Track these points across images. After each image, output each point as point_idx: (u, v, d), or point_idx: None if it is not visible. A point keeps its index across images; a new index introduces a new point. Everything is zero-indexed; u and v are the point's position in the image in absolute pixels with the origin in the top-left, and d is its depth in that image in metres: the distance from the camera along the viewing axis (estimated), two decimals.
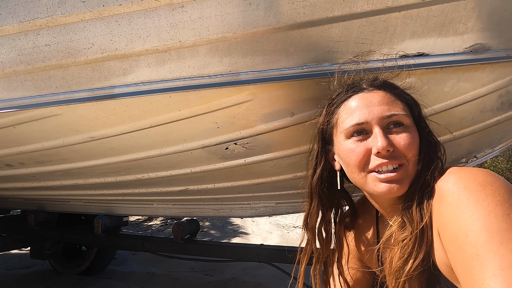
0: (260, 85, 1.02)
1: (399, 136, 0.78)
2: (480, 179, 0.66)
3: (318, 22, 0.93)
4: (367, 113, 0.79)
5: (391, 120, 0.79)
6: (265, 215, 1.79)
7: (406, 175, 0.78)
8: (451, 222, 0.65)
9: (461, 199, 0.65)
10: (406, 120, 0.79)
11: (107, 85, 1.06)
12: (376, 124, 0.78)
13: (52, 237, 2.59)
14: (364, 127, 0.80)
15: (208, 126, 1.16)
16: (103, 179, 1.57)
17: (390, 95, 0.82)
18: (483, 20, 0.94)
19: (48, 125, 1.21)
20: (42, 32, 1.00)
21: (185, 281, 3.08)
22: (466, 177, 0.68)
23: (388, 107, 0.79)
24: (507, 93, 1.10)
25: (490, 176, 0.67)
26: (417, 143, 0.80)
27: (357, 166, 0.80)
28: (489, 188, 0.64)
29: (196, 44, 0.97)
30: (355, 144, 0.80)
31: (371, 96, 0.82)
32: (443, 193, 0.70)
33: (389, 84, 0.86)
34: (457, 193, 0.66)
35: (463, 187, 0.66)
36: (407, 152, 0.77)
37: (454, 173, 0.71)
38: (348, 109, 0.83)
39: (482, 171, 0.69)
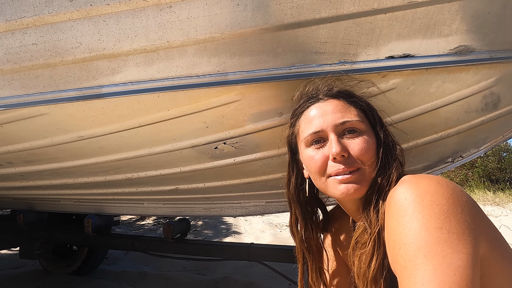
0: (248, 85, 1.03)
1: (353, 142, 0.81)
2: (422, 189, 0.66)
3: (305, 23, 0.94)
4: (322, 122, 0.83)
5: (345, 127, 0.82)
6: (255, 214, 1.80)
7: (363, 178, 0.81)
8: (391, 233, 0.68)
9: (400, 210, 0.66)
10: (359, 125, 0.83)
11: (95, 85, 1.05)
12: (331, 131, 0.82)
13: (42, 237, 2.57)
14: (321, 135, 0.84)
15: (197, 125, 1.16)
16: (93, 179, 1.57)
17: (344, 103, 0.86)
18: (467, 22, 0.96)
19: (36, 124, 1.20)
20: (29, 31, 1.00)
21: (177, 280, 3.08)
22: (410, 187, 0.68)
23: (341, 115, 0.83)
24: (491, 94, 1.12)
25: (433, 185, 0.67)
26: (372, 147, 0.82)
27: (317, 172, 0.84)
28: (429, 198, 0.64)
29: (184, 44, 0.97)
30: (314, 152, 0.84)
31: (325, 105, 0.86)
32: (390, 201, 0.71)
33: (343, 92, 0.89)
34: (398, 203, 0.67)
35: (403, 198, 0.67)
36: (361, 157, 0.80)
37: (403, 181, 0.72)
38: (306, 119, 0.88)
39: (430, 180, 0.69)
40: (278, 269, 2.03)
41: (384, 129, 0.87)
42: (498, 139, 1.33)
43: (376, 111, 0.90)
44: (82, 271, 3.08)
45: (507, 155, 12.37)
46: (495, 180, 11.54)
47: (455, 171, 13.02)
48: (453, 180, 12.58)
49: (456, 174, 12.87)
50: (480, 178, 11.58)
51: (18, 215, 2.45)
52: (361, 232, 0.82)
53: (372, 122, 0.87)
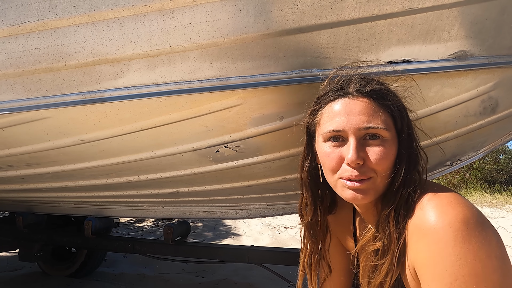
0: (250, 89, 1.04)
1: (372, 150, 0.77)
2: (461, 215, 0.66)
3: (306, 28, 0.95)
4: (346, 121, 0.78)
5: (368, 132, 0.77)
6: (255, 216, 1.81)
7: (373, 187, 0.78)
8: (437, 263, 0.66)
9: (448, 240, 0.64)
10: (384, 133, 0.78)
11: (98, 89, 1.06)
12: (352, 133, 0.77)
13: (41, 239, 2.56)
14: (341, 134, 0.79)
15: (198, 129, 1.17)
16: (93, 181, 1.57)
17: (374, 105, 0.79)
18: (465, 28, 0.97)
19: (38, 128, 1.21)
20: (33, 35, 1.01)
21: (176, 283, 3.08)
22: (448, 212, 0.67)
23: (367, 118, 0.77)
24: (489, 98, 1.13)
25: (467, 209, 0.67)
26: (391, 158, 0.78)
27: (330, 170, 0.82)
28: (471, 225, 0.65)
29: (187, 49, 0.98)
30: (331, 149, 0.81)
31: (353, 104, 0.79)
32: (425, 229, 0.69)
33: (377, 92, 0.81)
34: (442, 232, 0.65)
35: (448, 226, 0.65)
36: (377, 166, 0.77)
37: (435, 206, 0.70)
38: (330, 112, 0.82)
39: (458, 201, 0.69)
40: (277, 271, 2.04)
41: (411, 138, 0.82)
42: (496, 142, 1.34)
43: (407, 117, 0.84)
44: (80, 274, 3.07)
45: (503, 156, 12.42)
46: (492, 182, 11.58)
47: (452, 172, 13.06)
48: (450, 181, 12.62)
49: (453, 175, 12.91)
50: (477, 180, 11.63)
51: (17, 217, 2.44)
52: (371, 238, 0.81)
53: (399, 130, 0.81)
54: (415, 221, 0.73)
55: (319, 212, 0.97)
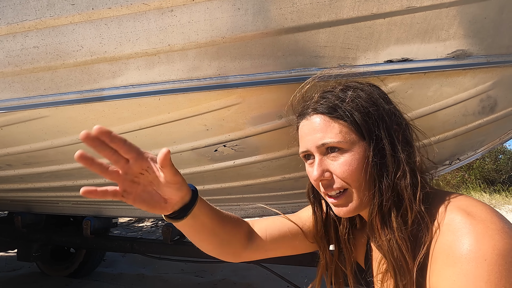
0: (249, 88, 1.04)
1: (336, 163, 0.76)
2: (499, 246, 0.58)
3: (305, 27, 0.95)
4: (308, 141, 0.80)
5: (325, 147, 0.77)
6: (254, 216, 1.80)
7: (350, 199, 0.77)
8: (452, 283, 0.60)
9: (481, 274, 0.57)
10: (341, 145, 0.75)
11: (96, 88, 1.06)
12: (315, 152, 0.78)
13: (40, 239, 2.56)
14: (309, 153, 0.81)
15: (197, 128, 1.17)
16: (92, 181, 1.57)
17: (327, 119, 0.78)
18: (464, 27, 0.97)
19: (36, 127, 1.21)
20: (31, 34, 1.00)
21: (175, 283, 3.08)
22: (484, 241, 0.59)
23: (321, 135, 0.77)
24: (488, 97, 1.13)
25: (507, 238, 0.59)
26: (358, 167, 0.74)
27: (316, 187, 0.84)
28: (510, 259, 0.57)
29: (185, 47, 0.98)
30: (310, 168, 0.82)
31: (309, 124, 0.81)
32: (455, 257, 0.61)
33: (327, 106, 0.79)
34: (474, 264, 0.58)
35: (482, 257, 0.58)
36: (345, 179, 0.75)
37: (469, 232, 0.62)
38: (299, 135, 0.85)
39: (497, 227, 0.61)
40: (276, 271, 2.03)
41: (379, 143, 0.75)
42: (495, 142, 1.34)
43: (373, 121, 0.77)
44: (79, 274, 3.07)
45: (503, 156, 12.44)
46: (491, 182, 11.59)
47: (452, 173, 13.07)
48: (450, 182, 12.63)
49: (453, 176, 12.92)
50: (476, 180, 11.64)
51: (16, 217, 2.44)
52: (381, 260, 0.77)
53: (368, 136, 0.76)
54: (442, 244, 0.65)
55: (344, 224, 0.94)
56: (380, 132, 0.76)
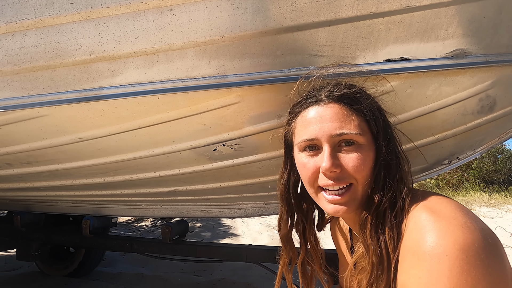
0: (248, 87, 1.04)
1: (348, 156, 0.74)
2: (460, 241, 0.59)
3: (304, 26, 0.95)
4: (318, 129, 0.76)
5: (341, 138, 0.75)
6: (253, 215, 1.80)
7: (354, 197, 0.76)
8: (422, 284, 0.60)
9: (443, 270, 0.58)
10: (358, 138, 0.75)
11: (95, 87, 1.06)
12: (325, 141, 0.75)
13: (39, 238, 2.56)
14: (315, 143, 0.77)
15: (196, 127, 1.17)
16: (91, 180, 1.57)
17: (346, 109, 0.76)
18: (463, 26, 0.97)
19: (35, 126, 1.21)
20: (30, 33, 1.00)
21: (174, 282, 3.08)
22: (446, 237, 0.60)
23: (339, 124, 0.74)
24: (487, 97, 1.13)
25: (468, 233, 0.60)
26: (369, 164, 0.75)
27: (307, 182, 0.80)
28: (471, 253, 0.58)
29: (185, 46, 0.98)
30: (307, 159, 0.79)
31: (324, 111, 0.77)
32: (419, 254, 0.62)
33: (348, 97, 0.78)
34: (436, 260, 0.59)
35: (443, 253, 0.59)
36: (355, 174, 0.74)
37: (432, 229, 0.63)
38: (303, 121, 0.80)
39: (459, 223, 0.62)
40: (275, 270, 2.03)
41: (389, 143, 0.78)
42: (494, 141, 1.34)
43: (383, 121, 0.80)
44: (79, 273, 3.07)
45: (501, 156, 12.46)
46: (490, 182, 11.61)
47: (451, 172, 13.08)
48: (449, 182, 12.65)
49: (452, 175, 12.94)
50: (475, 180, 11.65)
51: (15, 216, 2.44)
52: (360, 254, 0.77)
53: (375, 135, 0.77)
54: (410, 242, 0.67)
55: (301, 225, 0.95)
56: (384, 133, 0.78)
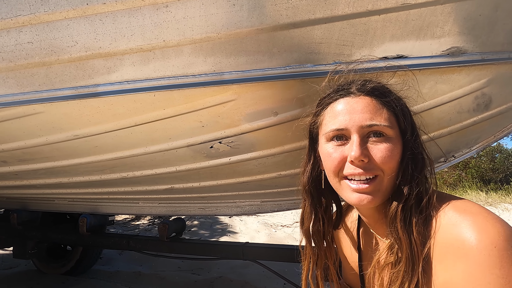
0: (244, 84, 1.04)
1: (377, 147, 0.75)
2: (503, 232, 0.61)
3: (300, 23, 0.95)
4: (348, 120, 0.77)
5: (371, 129, 0.76)
6: (250, 213, 1.81)
7: (379, 188, 0.76)
8: (483, 285, 0.60)
9: (493, 261, 0.59)
10: (388, 131, 0.76)
11: (91, 83, 1.06)
12: (355, 131, 0.76)
13: (36, 236, 2.55)
14: (343, 133, 0.78)
15: (192, 125, 1.17)
16: (88, 178, 1.56)
17: (377, 102, 0.78)
18: (459, 24, 0.97)
19: (31, 123, 1.20)
20: (25, 29, 1.00)
21: (172, 280, 3.07)
22: (489, 230, 0.62)
23: (370, 116, 0.76)
24: (483, 95, 1.14)
25: (506, 225, 0.63)
26: (396, 157, 0.76)
27: (332, 171, 0.80)
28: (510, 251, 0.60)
29: (181, 43, 0.98)
30: (333, 149, 0.79)
31: (355, 102, 0.78)
32: (466, 249, 0.63)
33: (378, 90, 0.80)
34: (486, 252, 0.60)
35: (491, 245, 0.60)
36: (382, 165, 0.74)
37: (473, 224, 0.64)
38: (332, 112, 0.81)
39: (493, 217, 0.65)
40: (273, 268, 2.04)
41: (415, 138, 0.80)
42: (490, 139, 1.35)
43: (411, 117, 0.82)
44: (76, 271, 3.06)
45: (499, 155, 12.50)
46: (487, 181, 11.66)
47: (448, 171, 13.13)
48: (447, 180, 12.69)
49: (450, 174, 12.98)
50: (473, 179, 11.70)
51: (11, 214, 2.43)
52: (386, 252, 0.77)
53: (403, 129, 0.79)
54: (448, 239, 0.67)
55: (321, 221, 0.94)
56: (411, 129, 0.80)
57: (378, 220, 0.84)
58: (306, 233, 0.95)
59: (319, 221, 0.94)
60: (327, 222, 0.95)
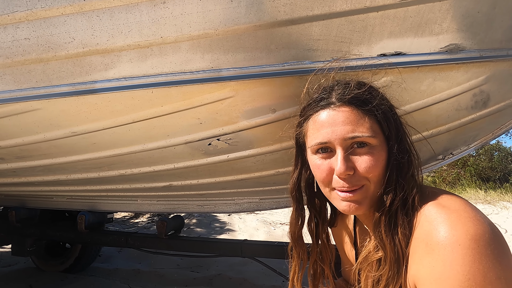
0: (242, 81, 1.03)
1: (361, 158, 0.76)
2: (472, 231, 0.62)
3: (298, 20, 0.94)
4: (330, 133, 0.77)
5: (354, 141, 0.76)
6: (249, 210, 1.81)
7: (366, 195, 0.77)
8: (443, 280, 0.62)
9: (456, 258, 0.61)
10: (371, 140, 0.76)
11: (89, 80, 1.05)
12: (338, 144, 0.76)
13: (34, 234, 2.55)
14: (328, 146, 0.78)
15: (190, 122, 1.16)
16: (86, 175, 1.56)
17: (358, 112, 0.77)
18: (457, 21, 0.97)
19: (29, 120, 1.20)
20: (22, 25, 0.99)
21: (171, 278, 3.08)
22: (458, 228, 0.63)
23: (352, 128, 0.76)
24: (481, 92, 1.14)
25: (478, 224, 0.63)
26: (382, 164, 0.77)
27: (321, 182, 0.82)
28: (482, 243, 0.61)
29: (178, 40, 0.97)
30: (320, 161, 0.80)
31: (336, 114, 0.78)
32: (432, 244, 0.65)
33: (358, 98, 0.79)
34: (450, 249, 0.62)
35: (456, 243, 0.62)
36: (368, 174, 0.75)
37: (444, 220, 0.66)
38: (315, 124, 0.82)
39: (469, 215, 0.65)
40: (272, 266, 2.04)
41: (400, 143, 0.80)
42: (488, 136, 1.35)
43: (395, 121, 0.81)
44: (75, 269, 3.07)
45: (498, 154, 12.52)
46: (486, 179, 11.68)
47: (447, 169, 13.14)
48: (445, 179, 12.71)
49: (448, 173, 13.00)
50: (471, 177, 11.72)
51: (10, 212, 2.43)
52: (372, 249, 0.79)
53: (387, 135, 0.79)
54: (421, 234, 0.69)
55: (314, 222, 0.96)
56: (396, 131, 0.80)
57: (369, 217, 0.86)
58: (291, 237, 0.96)
59: (312, 222, 0.96)
60: (321, 222, 0.97)
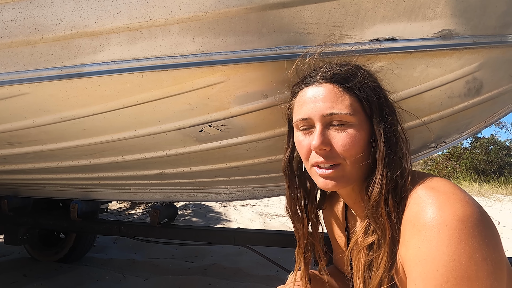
0: (233, 66, 1.02)
1: (338, 135, 0.76)
2: (459, 213, 0.62)
3: (290, 3, 0.93)
4: (311, 109, 0.78)
5: (332, 118, 0.76)
6: (242, 199, 1.81)
7: (343, 174, 0.77)
8: (429, 261, 0.62)
9: (442, 239, 0.61)
10: (349, 118, 0.76)
11: (77, 63, 1.03)
12: (318, 120, 0.77)
13: (27, 222, 2.54)
14: (308, 122, 0.80)
15: (181, 107, 1.15)
16: (77, 162, 1.55)
17: (338, 89, 0.78)
18: (451, 6, 0.96)
19: (17, 104, 1.18)
20: (8, 6, 0.97)
21: (166, 268, 3.09)
22: (445, 209, 0.63)
23: (331, 104, 0.76)
24: (474, 79, 1.13)
25: (467, 206, 0.64)
26: (360, 143, 0.76)
27: (303, 157, 0.83)
28: (469, 224, 0.61)
29: (168, 22, 0.95)
30: (302, 137, 0.82)
31: (318, 91, 0.79)
32: (420, 225, 0.65)
33: (340, 75, 0.79)
34: (436, 229, 0.62)
35: (443, 223, 0.62)
36: (344, 153, 0.75)
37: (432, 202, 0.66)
38: (299, 101, 0.83)
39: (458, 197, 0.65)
40: (267, 255, 2.05)
41: (386, 122, 0.78)
42: (480, 125, 1.35)
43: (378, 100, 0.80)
44: (69, 259, 3.07)
45: (493, 147, 12.60)
46: (481, 172, 11.76)
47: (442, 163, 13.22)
48: (441, 172, 12.79)
49: (444, 166, 13.08)
50: (467, 170, 11.80)
51: (2, 200, 2.42)
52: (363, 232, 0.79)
53: (369, 114, 0.78)
54: (410, 216, 0.69)
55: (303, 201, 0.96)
56: (378, 114, 0.79)
57: (356, 201, 0.86)
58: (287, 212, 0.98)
59: (301, 201, 0.95)
60: (310, 202, 0.97)
